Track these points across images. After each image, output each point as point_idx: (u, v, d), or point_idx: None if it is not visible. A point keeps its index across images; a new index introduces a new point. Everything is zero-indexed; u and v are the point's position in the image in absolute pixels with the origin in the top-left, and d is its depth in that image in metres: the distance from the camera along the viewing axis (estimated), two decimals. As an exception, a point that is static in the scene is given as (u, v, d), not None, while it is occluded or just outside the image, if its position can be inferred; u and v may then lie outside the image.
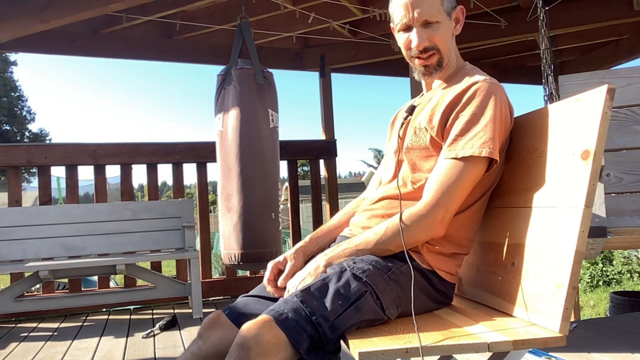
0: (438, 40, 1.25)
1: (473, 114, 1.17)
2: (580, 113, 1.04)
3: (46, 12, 3.03)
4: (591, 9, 3.75)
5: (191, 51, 4.15)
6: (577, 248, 0.96)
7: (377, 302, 1.08)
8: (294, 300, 1.03)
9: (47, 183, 3.67)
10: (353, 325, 1.04)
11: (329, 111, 4.39)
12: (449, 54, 1.29)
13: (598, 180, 1.00)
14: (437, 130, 1.21)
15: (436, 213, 1.15)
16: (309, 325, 0.99)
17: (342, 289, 1.06)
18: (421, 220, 1.15)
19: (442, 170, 1.17)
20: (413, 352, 0.94)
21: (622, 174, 1.75)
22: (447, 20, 1.25)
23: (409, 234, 1.15)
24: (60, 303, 3.42)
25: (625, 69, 1.82)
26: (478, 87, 1.19)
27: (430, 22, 1.23)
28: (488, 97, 1.18)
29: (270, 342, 0.96)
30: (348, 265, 1.13)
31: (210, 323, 1.27)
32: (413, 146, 1.27)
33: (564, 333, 0.96)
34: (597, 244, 1.68)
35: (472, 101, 1.19)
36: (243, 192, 2.88)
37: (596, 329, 2.51)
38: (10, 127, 26.27)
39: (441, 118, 1.21)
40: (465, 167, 1.15)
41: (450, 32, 1.28)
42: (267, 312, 1.02)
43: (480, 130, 1.15)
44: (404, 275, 1.16)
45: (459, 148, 1.16)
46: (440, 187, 1.16)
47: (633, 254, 7.66)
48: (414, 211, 1.17)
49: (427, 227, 1.16)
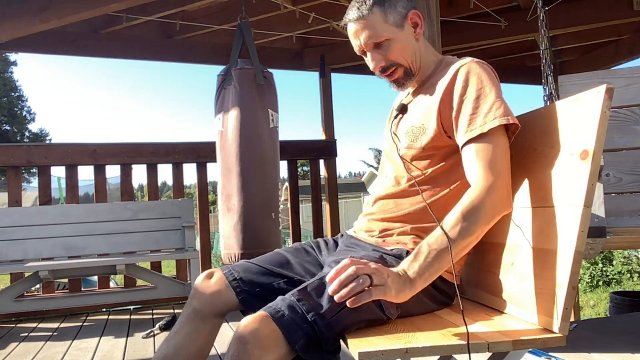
0: (394, 56, 1.24)
1: (478, 91, 1.14)
2: (579, 113, 1.04)
3: (46, 12, 3.04)
4: (591, 9, 3.75)
5: (191, 51, 4.15)
6: (576, 248, 0.97)
7: (375, 302, 1.06)
8: (291, 298, 1.04)
9: (47, 183, 3.67)
10: (351, 324, 1.04)
11: (329, 111, 4.40)
12: (414, 60, 1.27)
13: (597, 180, 1.00)
14: (438, 124, 1.18)
15: (500, 185, 1.08)
16: (305, 323, 1.00)
17: None
18: (490, 194, 1.07)
19: (473, 152, 1.12)
20: (413, 352, 0.94)
21: (621, 174, 1.76)
22: (398, 32, 1.24)
23: (484, 212, 1.06)
24: (60, 303, 3.42)
25: (625, 69, 1.82)
26: (469, 67, 1.18)
27: (379, 42, 1.23)
28: (483, 73, 1.16)
29: (268, 336, 0.98)
30: None
31: (203, 281, 1.28)
32: (409, 146, 1.25)
33: (563, 333, 0.96)
34: (596, 244, 1.68)
35: (470, 81, 1.16)
36: (243, 192, 2.88)
37: (596, 329, 2.51)
38: (10, 127, 26.27)
39: (440, 112, 1.18)
40: (494, 138, 1.11)
41: (409, 40, 1.26)
42: (265, 309, 1.02)
43: (494, 101, 1.12)
44: None
45: (479, 124, 1.12)
46: (486, 163, 1.09)
47: (633, 254, 7.66)
48: (478, 191, 1.07)
49: (499, 199, 1.07)
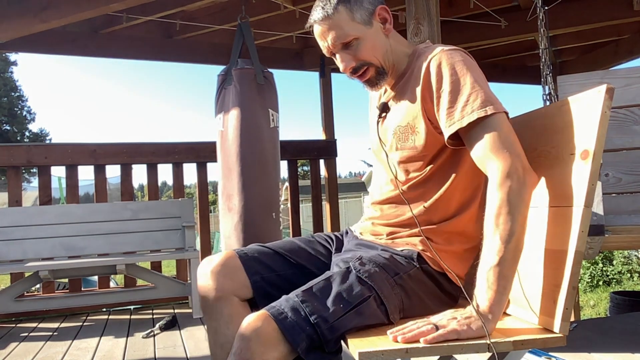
0: (363, 55, 1.20)
1: (452, 83, 1.09)
2: (579, 113, 1.04)
3: (46, 12, 3.04)
4: (591, 9, 3.75)
5: (191, 51, 4.15)
6: (576, 248, 0.97)
7: (380, 307, 1.06)
8: (295, 299, 1.02)
9: (47, 183, 3.67)
10: (354, 328, 1.03)
11: (329, 111, 4.39)
12: (386, 58, 1.23)
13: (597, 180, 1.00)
14: (426, 123, 1.15)
15: (514, 164, 1.02)
16: (308, 325, 0.99)
17: (345, 291, 1.04)
18: (510, 181, 1.01)
19: (474, 147, 1.07)
20: (413, 352, 0.94)
21: (621, 174, 1.75)
22: (366, 30, 1.19)
23: (515, 204, 1.01)
24: (60, 303, 3.42)
25: (624, 69, 1.82)
26: (439, 59, 1.12)
27: (348, 42, 1.19)
28: (455, 61, 1.11)
29: (270, 334, 0.98)
30: (354, 266, 1.10)
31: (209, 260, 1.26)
32: (399, 147, 1.21)
33: (564, 333, 0.96)
34: (595, 242, 1.67)
35: (443, 73, 1.11)
36: (244, 192, 2.88)
37: (596, 329, 2.51)
38: (10, 127, 26.26)
39: (425, 109, 1.15)
40: (482, 127, 1.06)
41: (378, 37, 1.21)
42: (268, 309, 1.01)
43: (470, 92, 1.07)
44: (411, 279, 1.14)
45: (457, 118, 1.08)
46: (493, 149, 1.04)
47: (633, 254, 7.65)
48: (497, 185, 1.02)
49: (521, 182, 1.01)
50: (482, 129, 1.06)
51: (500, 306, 0.99)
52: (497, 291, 0.98)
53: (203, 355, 2.41)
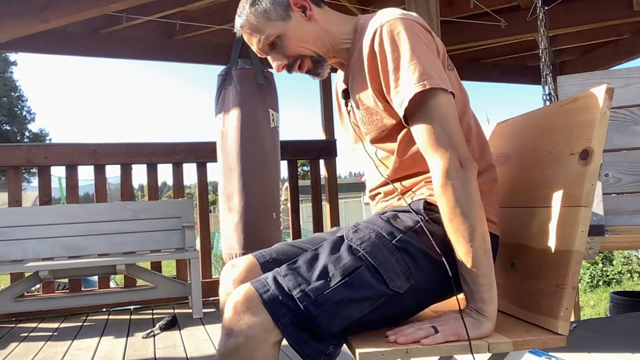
0: (291, 50, 1.16)
1: (394, 60, 1.03)
2: (579, 113, 1.04)
3: (46, 12, 3.04)
4: (591, 9, 3.76)
5: (191, 51, 4.15)
6: (576, 248, 0.97)
7: (376, 277, 0.98)
8: (279, 272, 0.98)
9: (47, 183, 3.67)
10: (346, 302, 0.95)
11: (329, 111, 4.39)
12: (318, 44, 1.17)
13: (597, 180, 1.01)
14: (379, 99, 1.09)
15: (452, 160, 0.98)
16: (290, 300, 0.93)
17: (333, 263, 0.98)
18: (451, 178, 0.98)
19: (414, 127, 1.03)
20: (413, 352, 0.94)
21: (620, 174, 1.76)
22: (286, 25, 1.14)
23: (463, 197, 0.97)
24: (60, 303, 3.42)
25: (624, 69, 1.82)
26: (380, 34, 1.06)
27: (272, 42, 1.15)
28: (395, 34, 1.04)
29: (248, 304, 0.94)
30: (347, 234, 1.04)
31: (231, 267, 1.20)
32: (374, 129, 1.16)
33: (564, 333, 0.96)
34: (595, 242, 1.68)
35: (385, 49, 1.04)
36: (244, 192, 2.88)
37: (596, 329, 2.51)
38: (10, 127, 26.28)
39: (375, 88, 1.09)
40: (428, 105, 1.00)
41: (302, 27, 1.15)
42: (253, 282, 0.98)
43: (407, 67, 1.01)
44: (419, 235, 1.03)
45: (401, 98, 1.02)
46: (429, 139, 1.00)
47: (633, 254, 7.66)
48: (439, 182, 0.99)
49: (462, 177, 0.98)
50: (420, 113, 1.01)
51: (493, 305, 0.98)
52: (484, 290, 0.97)
53: (203, 355, 2.41)
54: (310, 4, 1.16)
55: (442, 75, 1.03)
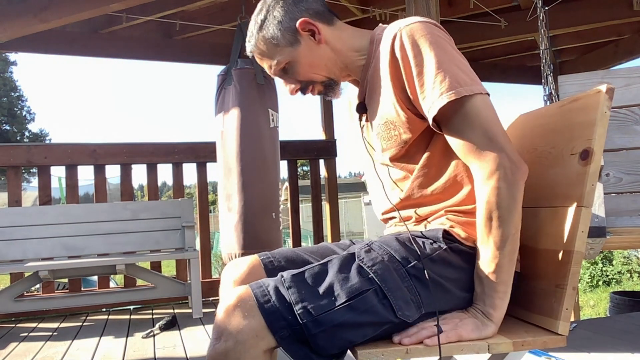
0: (302, 76, 1.13)
1: (417, 65, 0.99)
2: (579, 113, 1.04)
3: (46, 12, 3.04)
4: (591, 9, 3.76)
5: (191, 51, 4.15)
6: (576, 248, 0.97)
7: (382, 302, 0.94)
8: (282, 282, 0.94)
9: (47, 183, 3.67)
10: (348, 325, 0.91)
11: (329, 111, 4.39)
12: (330, 68, 1.14)
13: (597, 180, 1.00)
14: (402, 110, 1.04)
15: (500, 160, 0.94)
16: (290, 314, 0.90)
17: (340, 282, 0.93)
18: (496, 180, 0.94)
19: (453, 134, 0.99)
20: (413, 352, 0.94)
21: (621, 173, 1.76)
22: (296, 50, 1.11)
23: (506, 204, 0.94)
24: (60, 303, 3.42)
25: (625, 69, 1.82)
26: (400, 39, 1.01)
27: (283, 68, 1.13)
28: (417, 39, 1.00)
29: (245, 308, 0.91)
30: (358, 253, 0.99)
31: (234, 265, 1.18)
32: (387, 147, 1.10)
33: (564, 333, 0.96)
34: (596, 244, 1.68)
35: (408, 54, 1.00)
36: (243, 192, 2.88)
37: (596, 329, 2.51)
38: (10, 127, 26.30)
39: (400, 98, 1.04)
40: (457, 113, 0.97)
41: (313, 52, 1.11)
42: (253, 287, 0.94)
43: (435, 74, 0.97)
44: (435, 264, 0.99)
45: (428, 106, 0.99)
46: (473, 142, 0.96)
47: (633, 254, 7.66)
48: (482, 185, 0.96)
49: (509, 179, 0.94)
50: (457, 119, 0.97)
51: (502, 311, 0.97)
52: (498, 297, 0.97)
53: (203, 355, 2.41)
54: (319, 27, 1.11)
55: (474, 77, 0.99)
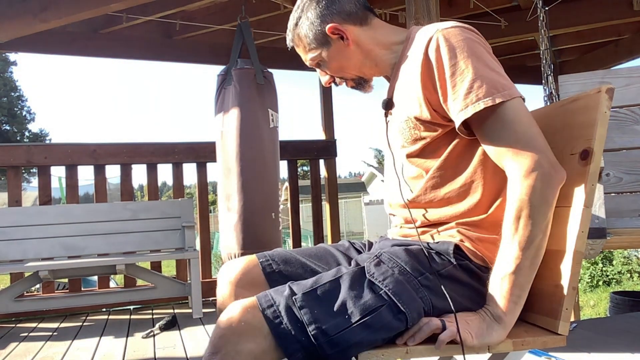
0: (333, 71, 1.20)
1: (452, 67, 0.99)
2: (579, 113, 1.04)
3: (46, 12, 3.04)
4: (591, 9, 3.76)
5: (191, 51, 4.15)
6: (576, 248, 0.96)
7: (398, 317, 0.92)
8: (293, 302, 0.91)
9: (47, 183, 3.67)
10: (363, 343, 0.90)
11: (329, 111, 4.39)
12: (359, 67, 1.17)
13: (597, 181, 1.00)
14: (428, 111, 1.04)
15: (538, 160, 0.93)
16: (304, 336, 0.88)
17: (353, 299, 0.91)
18: (532, 179, 0.93)
19: (486, 141, 0.98)
20: (413, 352, 0.94)
21: (621, 173, 1.75)
22: (327, 50, 1.16)
23: (538, 205, 0.93)
24: (60, 303, 3.42)
25: (625, 69, 1.82)
26: (436, 41, 1.01)
27: (317, 61, 1.19)
28: (454, 43, 1.00)
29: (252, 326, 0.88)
30: (368, 269, 0.97)
31: (231, 263, 1.17)
32: (412, 142, 1.09)
33: (563, 333, 0.96)
34: (596, 244, 1.67)
35: (442, 57, 1.00)
36: (243, 192, 2.88)
37: (596, 329, 2.51)
38: (10, 127, 26.30)
39: (428, 98, 1.03)
40: (492, 116, 0.96)
41: (342, 53, 1.15)
42: (263, 304, 0.90)
43: (472, 79, 0.97)
44: (444, 279, 0.98)
45: (461, 107, 0.98)
46: (509, 143, 0.95)
47: (633, 254, 7.66)
48: (517, 184, 0.94)
49: (545, 179, 0.93)
50: (494, 122, 0.96)
51: (514, 315, 0.95)
52: (511, 300, 0.94)
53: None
54: (349, 30, 1.14)
55: (509, 81, 0.99)
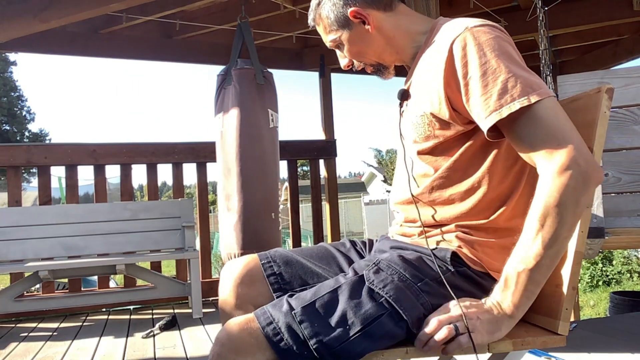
0: (352, 54, 1.17)
1: (482, 66, 0.94)
2: (578, 113, 1.04)
3: (46, 12, 3.03)
4: (591, 9, 3.76)
5: (191, 51, 4.15)
6: (576, 248, 0.97)
7: (399, 325, 0.91)
8: (292, 317, 0.90)
9: (47, 183, 3.67)
10: (365, 351, 0.90)
11: (328, 111, 4.40)
12: (379, 53, 1.15)
13: (597, 181, 1.00)
14: (446, 108, 1.00)
15: (573, 157, 0.87)
16: (306, 349, 0.87)
17: (353, 309, 0.91)
18: (566, 177, 0.87)
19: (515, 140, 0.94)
20: (413, 352, 0.94)
21: (620, 173, 1.76)
22: (347, 32, 1.14)
23: (568, 205, 0.87)
24: (60, 303, 3.42)
25: (624, 69, 1.82)
26: (464, 39, 0.97)
27: (337, 44, 1.18)
28: (483, 42, 0.96)
29: (250, 342, 0.89)
30: (367, 276, 0.96)
31: (232, 263, 1.18)
32: (417, 139, 1.07)
33: (563, 333, 0.96)
34: (595, 244, 1.68)
35: (469, 56, 0.96)
36: (243, 192, 2.88)
37: (596, 329, 2.51)
38: (10, 127, 26.29)
39: (449, 96, 0.99)
40: (527, 115, 0.91)
41: (363, 38, 1.14)
42: (262, 322, 0.90)
43: (506, 78, 0.92)
44: (442, 286, 0.97)
45: (494, 107, 0.92)
46: (543, 140, 0.90)
47: (633, 254, 7.66)
48: (548, 181, 0.89)
49: (580, 178, 0.87)
50: (528, 121, 0.92)
51: (524, 311, 0.93)
52: (525, 295, 0.91)
53: (203, 355, 2.41)
54: (371, 15, 1.11)
55: (540, 80, 0.96)
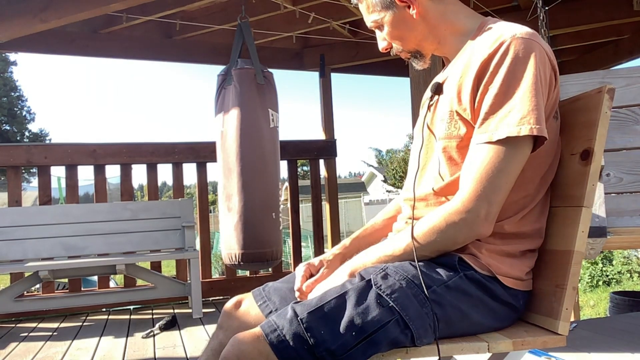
0: (392, 37, 1.13)
1: (504, 84, 0.95)
2: (579, 113, 1.04)
3: (46, 12, 3.03)
4: (591, 9, 3.75)
5: (191, 51, 4.15)
6: (576, 248, 0.97)
7: (405, 332, 0.91)
8: (299, 324, 0.88)
9: (47, 183, 3.67)
10: (367, 358, 0.90)
11: (329, 111, 4.40)
12: (419, 40, 1.13)
13: (598, 180, 1.00)
14: (469, 110, 1.00)
15: (477, 208, 0.94)
16: (312, 357, 0.87)
17: (360, 315, 0.89)
18: (458, 218, 0.95)
19: (477, 157, 0.96)
20: (413, 352, 0.94)
21: (622, 173, 1.75)
22: (390, 14, 1.10)
23: (446, 236, 0.97)
24: (60, 303, 3.42)
25: (625, 69, 1.82)
26: (506, 48, 0.96)
27: (378, 25, 1.14)
28: (522, 58, 0.95)
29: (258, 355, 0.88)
30: (375, 280, 0.94)
31: (232, 309, 1.18)
32: (446, 135, 1.05)
33: (563, 333, 0.96)
34: (596, 244, 1.67)
35: (501, 67, 0.95)
36: (243, 192, 2.88)
37: (596, 329, 2.51)
38: (10, 127, 26.30)
39: (471, 94, 0.99)
40: (505, 151, 0.94)
41: (404, 22, 1.10)
42: (266, 330, 0.89)
43: (516, 103, 0.93)
44: (450, 291, 0.96)
45: (492, 129, 0.95)
46: (479, 177, 0.95)
47: (633, 254, 7.66)
48: (449, 208, 0.97)
49: (467, 226, 0.95)
50: (495, 149, 0.95)
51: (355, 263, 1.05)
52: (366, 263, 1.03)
53: (203, 356, 2.40)
54: (416, 1, 1.08)
55: (545, 117, 0.96)
